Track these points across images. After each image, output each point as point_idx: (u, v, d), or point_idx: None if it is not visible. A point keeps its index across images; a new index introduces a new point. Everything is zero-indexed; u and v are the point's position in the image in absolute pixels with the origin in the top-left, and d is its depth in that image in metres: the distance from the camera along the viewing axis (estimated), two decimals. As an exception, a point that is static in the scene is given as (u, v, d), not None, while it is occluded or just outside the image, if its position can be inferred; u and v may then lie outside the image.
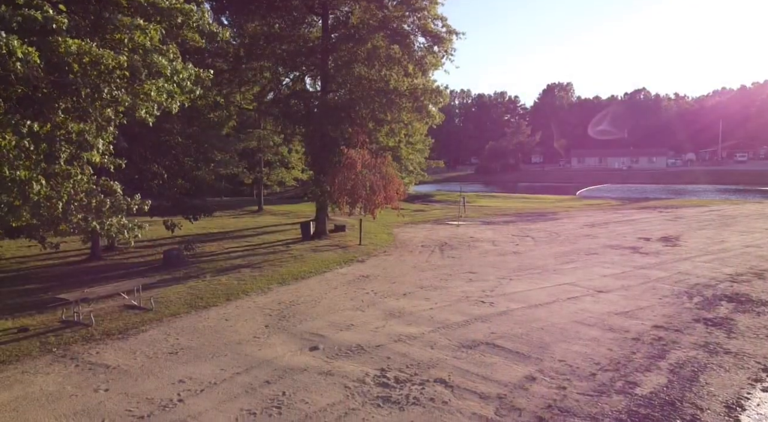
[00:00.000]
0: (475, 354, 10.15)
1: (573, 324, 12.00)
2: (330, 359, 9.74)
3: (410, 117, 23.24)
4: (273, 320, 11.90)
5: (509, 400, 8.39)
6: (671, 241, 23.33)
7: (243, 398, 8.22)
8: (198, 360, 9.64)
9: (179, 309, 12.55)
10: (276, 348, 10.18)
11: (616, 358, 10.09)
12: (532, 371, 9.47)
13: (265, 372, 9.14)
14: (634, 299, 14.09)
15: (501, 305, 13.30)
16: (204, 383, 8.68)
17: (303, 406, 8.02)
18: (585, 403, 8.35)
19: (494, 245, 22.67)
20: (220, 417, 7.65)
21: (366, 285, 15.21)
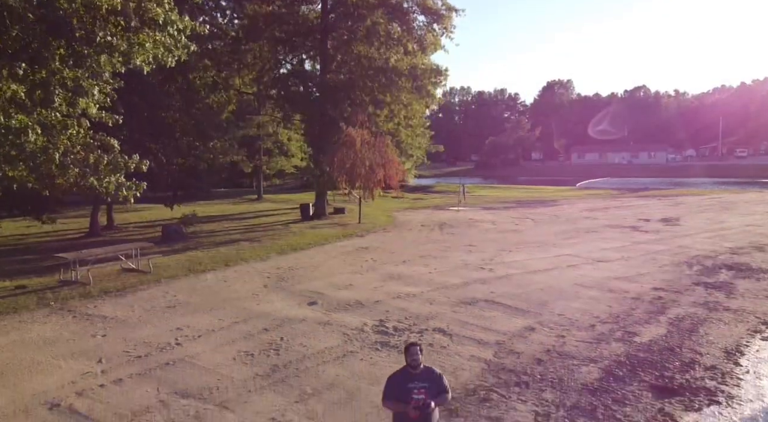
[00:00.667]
0: (474, 309, 10.11)
1: (572, 286, 11.96)
2: (328, 312, 9.71)
3: (410, 98, 23.20)
4: (271, 281, 11.86)
5: (508, 346, 8.36)
6: (671, 222, 23.27)
7: (241, 342, 8.19)
8: (196, 312, 9.61)
9: (177, 272, 12.52)
10: (274, 304, 10.15)
11: (615, 313, 10.05)
12: (532, 323, 9.44)
13: (264, 322, 9.10)
14: (634, 267, 14.04)
15: (500, 271, 13.26)
16: (202, 330, 8.65)
17: (301, 349, 7.99)
18: (584, 349, 8.32)
19: (494, 225, 22.63)
20: (217, 357, 7.62)
21: (365, 254, 15.18)
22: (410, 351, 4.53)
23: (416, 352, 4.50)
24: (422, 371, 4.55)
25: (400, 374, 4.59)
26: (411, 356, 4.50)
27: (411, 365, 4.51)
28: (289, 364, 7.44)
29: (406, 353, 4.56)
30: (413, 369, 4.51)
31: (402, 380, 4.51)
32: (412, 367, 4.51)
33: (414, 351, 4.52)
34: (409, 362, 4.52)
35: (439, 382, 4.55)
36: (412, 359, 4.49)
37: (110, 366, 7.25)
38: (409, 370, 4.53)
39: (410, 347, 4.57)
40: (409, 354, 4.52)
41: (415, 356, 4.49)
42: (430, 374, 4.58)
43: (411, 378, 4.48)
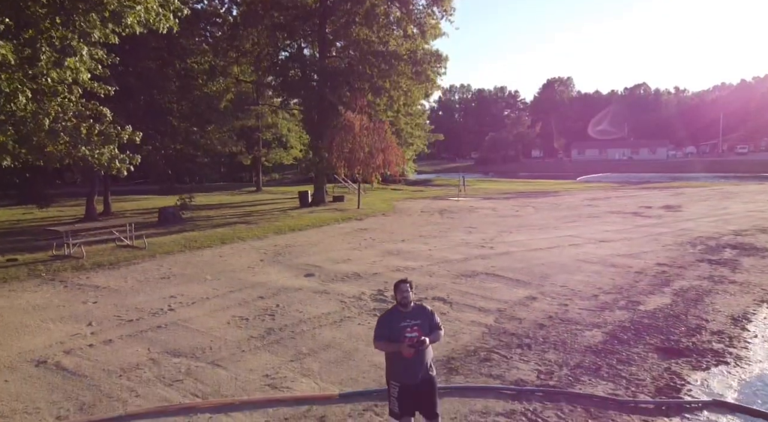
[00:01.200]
0: (474, 281, 9.91)
1: (575, 261, 11.75)
2: (325, 282, 9.51)
3: (409, 84, 22.94)
4: (268, 256, 11.66)
5: (509, 313, 8.15)
6: (673, 208, 23.06)
7: (235, 308, 7.99)
8: (190, 282, 9.41)
9: (173, 248, 12.32)
10: (270, 275, 9.95)
11: (619, 285, 9.84)
12: (533, 293, 9.24)
13: (259, 290, 8.90)
14: (637, 246, 13.82)
15: (501, 249, 13.06)
16: (196, 298, 8.45)
17: (297, 314, 7.79)
18: (587, 315, 8.11)
19: (494, 211, 22.42)
20: (211, 321, 7.42)
21: (364, 234, 14.97)
22: (400, 289, 4.30)
23: (406, 289, 4.28)
24: (413, 308, 4.34)
25: (391, 313, 4.39)
26: (401, 293, 4.28)
27: (401, 303, 4.30)
28: (284, 327, 7.24)
29: (396, 290, 4.34)
30: (404, 308, 4.30)
31: (393, 319, 4.30)
32: (403, 305, 4.30)
33: (404, 287, 4.29)
34: (399, 300, 4.30)
35: (431, 319, 4.35)
36: (403, 296, 4.28)
37: (100, 329, 7.05)
38: (400, 309, 4.32)
39: (400, 284, 4.34)
40: (398, 292, 4.30)
41: (405, 293, 4.27)
42: (422, 311, 4.37)
43: (402, 316, 4.27)
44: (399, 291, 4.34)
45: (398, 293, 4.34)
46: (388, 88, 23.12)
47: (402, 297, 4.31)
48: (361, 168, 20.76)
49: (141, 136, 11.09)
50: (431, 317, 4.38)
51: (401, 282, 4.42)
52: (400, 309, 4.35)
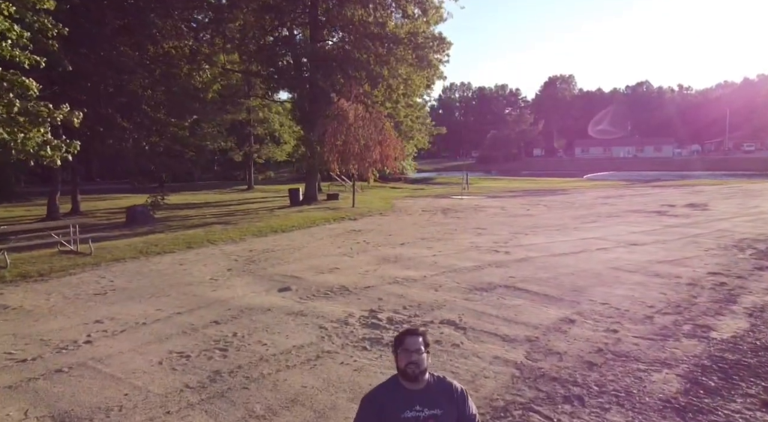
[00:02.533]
0: (492, 296, 7.88)
1: (609, 269, 9.73)
2: (303, 300, 7.47)
3: (409, 71, 20.88)
4: (238, 264, 9.62)
5: (543, 344, 6.12)
6: (699, 207, 21.04)
7: (177, 339, 5.95)
8: (130, 300, 7.37)
9: (125, 254, 10.27)
10: (235, 290, 7.91)
11: (674, 302, 7.81)
12: (569, 313, 7.21)
13: (216, 312, 6.86)
14: (676, 251, 11.80)
15: (518, 253, 11.03)
16: (128, 323, 6.41)
17: (258, 348, 5.75)
18: (647, 348, 6.08)
19: (503, 210, 20.38)
20: (137, 360, 5.38)
21: (357, 237, 12.93)
22: (406, 344, 2.38)
23: (417, 347, 2.36)
24: (429, 385, 2.40)
25: (387, 391, 2.43)
26: (408, 355, 2.35)
27: (408, 373, 2.33)
28: (237, 371, 5.20)
29: (399, 348, 2.41)
30: (412, 382, 2.33)
31: (391, 402, 2.35)
32: (410, 378, 2.33)
33: (413, 343, 2.38)
34: (405, 368, 2.36)
35: (461, 406, 2.41)
36: (410, 362, 2.34)
37: (-25, 374, 5.01)
38: (404, 385, 2.35)
39: (406, 337, 2.42)
40: (403, 351, 2.38)
41: (415, 355, 2.34)
42: (444, 391, 2.44)
43: (408, 398, 2.34)
44: (404, 349, 2.36)
45: (402, 354, 2.36)
46: (386, 76, 21.05)
47: (409, 363, 2.33)
48: (356, 162, 18.66)
49: (81, 117, 9.04)
50: (462, 403, 2.40)
51: (408, 333, 2.42)
52: (405, 384, 2.38)
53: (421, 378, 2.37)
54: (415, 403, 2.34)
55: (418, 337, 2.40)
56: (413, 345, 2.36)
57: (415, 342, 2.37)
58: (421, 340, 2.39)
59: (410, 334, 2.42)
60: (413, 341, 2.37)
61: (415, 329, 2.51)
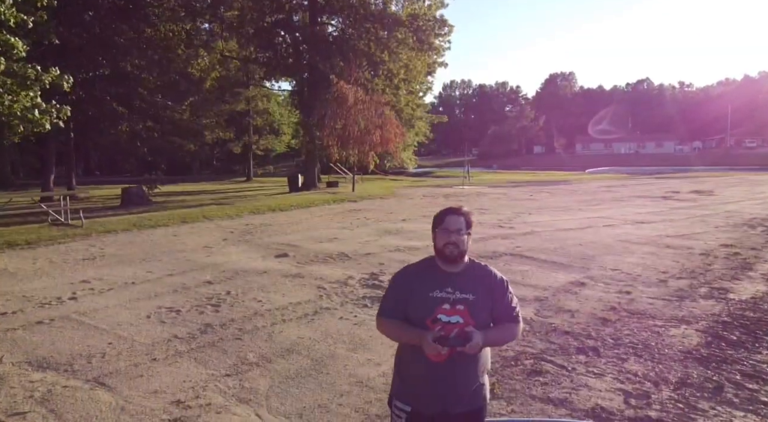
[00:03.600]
0: (498, 263, 7.56)
1: (618, 242, 9.42)
2: (302, 264, 7.16)
3: (410, 55, 20.53)
4: (234, 235, 9.32)
5: (553, 303, 5.81)
6: (704, 193, 20.71)
7: (166, 296, 5.64)
8: (120, 264, 7.06)
9: (117, 227, 9.96)
10: (230, 256, 7.60)
11: (688, 268, 7.50)
12: (579, 277, 6.90)
13: (209, 274, 6.56)
14: (685, 227, 11.48)
15: (523, 229, 10.72)
16: (116, 283, 6.11)
17: (253, 304, 5.44)
18: (663, 306, 5.76)
19: (506, 195, 20.06)
20: (123, 314, 5.07)
21: (358, 214, 12.62)
22: (446, 223, 2.05)
23: (459, 227, 2.03)
24: (467, 269, 2.09)
25: (420, 269, 2.13)
26: (447, 235, 2.03)
27: (446, 254, 2.03)
28: (229, 323, 4.89)
29: (438, 228, 2.08)
30: (449, 264, 2.05)
31: (421, 280, 2.06)
32: (448, 259, 2.04)
33: (455, 222, 2.04)
34: (443, 248, 2.03)
35: (499, 293, 2.11)
36: (449, 242, 2.02)
37: (-50, 325, 4.70)
38: (440, 266, 2.07)
39: (447, 215, 2.08)
40: (443, 232, 2.05)
41: (455, 236, 2.02)
42: (482, 275, 2.12)
43: (440, 278, 2.04)
44: (443, 228, 2.05)
45: (441, 233, 2.05)
46: (387, 60, 20.72)
47: (447, 242, 2.01)
48: (355, 146, 18.30)
49: (71, 82, 8.72)
50: (500, 290, 2.11)
51: (449, 212, 2.09)
52: (440, 264, 2.07)
53: (459, 260, 2.05)
54: (448, 284, 2.02)
55: (460, 217, 2.07)
56: (454, 225, 2.03)
57: (457, 221, 2.05)
58: (464, 220, 2.06)
59: (451, 213, 2.09)
60: (454, 220, 2.05)
61: (458, 208, 2.15)
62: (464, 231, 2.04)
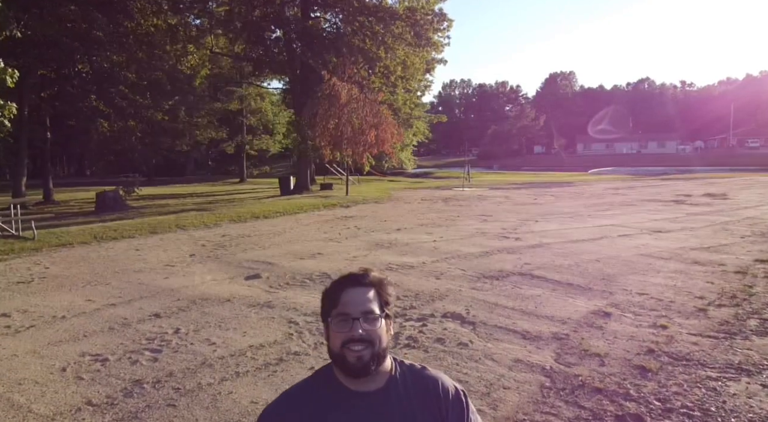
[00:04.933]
0: (505, 285, 6.49)
1: (640, 257, 8.34)
2: (274, 289, 6.08)
3: (407, 52, 19.45)
4: (205, 250, 8.23)
5: (576, 343, 4.73)
6: (718, 196, 19.63)
7: (98, 337, 4.55)
8: (58, 290, 5.98)
9: (75, 239, 8.88)
10: (193, 277, 6.52)
11: (728, 292, 6.42)
12: (602, 305, 5.82)
13: (160, 303, 5.47)
14: (709, 238, 10.41)
15: (531, 240, 9.65)
16: (43, 316, 5.03)
17: (203, 349, 4.36)
18: (711, 348, 4.68)
19: (508, 199, 18.99)
20: (32, 366, 3.99)
21: (348, 222, 11.54)
22: (343, 302, 1.17)
23: (367, 308, 1.16)
24: (391, 383, 1.18)
25: (310, 395, 1.18)
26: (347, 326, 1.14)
27: (348, 363, 1.13)
28: (165, 380, 3.81)
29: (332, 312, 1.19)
30: (356, 378, 1.14)
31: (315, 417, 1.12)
32: (353, 371, 1.14)
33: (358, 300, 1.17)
34: (342, 351, 1.15)
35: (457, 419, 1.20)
36: (351, 339, 1.13)
37: None
38: (342, 382, 1.16)
39: (344, 289, 1.20)
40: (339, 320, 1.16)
41: (361, 327, 1.12)
42: (421, 393, 1.19)
43: (348, 408, 1.12)
44: (339, 313, 1.19)
45: (337, 323, 1.19)
46: (383, 56, 19.64)
47: (349, 340, 1.15)
48: (349, 147, 17.21)
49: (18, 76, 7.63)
50: (455, 415, 1.20)
51: (347, 283, 1.23)
52: (344, 380, 1.19)
53: (373, 369, 1.16)
54: (362, 418, 1.14)
55: (368, 289, 1.20)
56: (357, 305, 1.17)
57: (361, 297, 1.18)
58: (374, 294, 1.20)
59: (351, 283, 1.21)
60: (356, 296, 1.18)
61: (362, 273, 1.25)
62: (377, 315, 1.18)
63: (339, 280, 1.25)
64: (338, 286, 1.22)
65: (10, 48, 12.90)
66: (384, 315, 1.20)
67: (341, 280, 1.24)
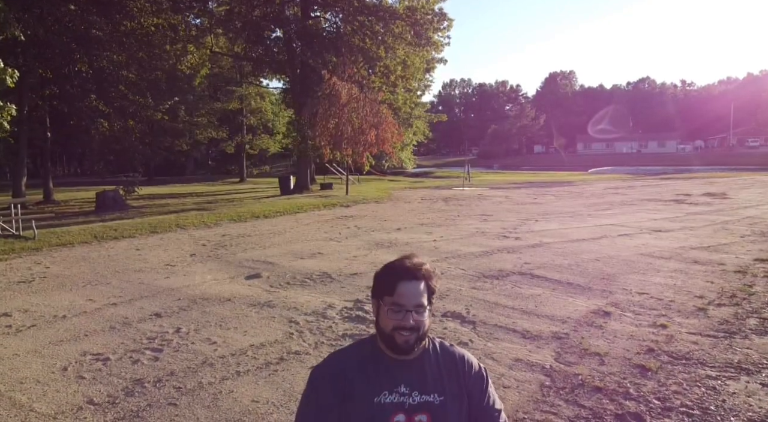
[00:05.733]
0: (505, 284, 6.50)
1: (639, 256, 8.36)
2: (274, 288, 6.09)
3: (407, 51, 19.45)
4: (205, 249, 8.24)
5: (576, 342, 4.74)
6: (718, 196, 19.64)
7: (98, 336, 4.57)
8: (59, 289, 5.99)
9: (75, 239, 8.89)
10: (193, 277, 6.53)
11: (727, 291, 6.43)
12: (601, 304, 5.83)
13: (160, 302, 5.48)
14: (709, 237, 10.42)
15: (531, 239, 9.66)
16: (44, 316, 5.04)
17: (204, 348, 4.37)
18: (711, 347, 4.70)
19: (508, 198, 19.01)
20: (32, 365, 4.00)
21: (348, 222, 11.55)
22: (399, 293, 1.29)
23: (419, 301, 1.27)
24: (425, 355, 1.38)
25: (358, 359, 1.32)
26: (399, 314, 1.25)
27: (396, 343, 1.28)
28: (167, 379, 3.82)
29: (384, 297, 1.30)
30: (398, 351, 1.27)
31: (362, 377, 1.25)
32: (399, 349, 1.29)
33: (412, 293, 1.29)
34: (392, 333, 1.28)
35: (474, 392, 1.33)
36: (401, 327, 1.27)
37: None
38: (386, 352, 1.29)
39: (400, 280, 1.30)
40: (393, 307, 1.26)
41: (412, 316, 1.24)
42: (449, 366, 1.34)
43: (390, 373, 1.26)
44: (394, 303, 1.29)
45: (390, 308, 1.30)
46: (383, 56, 19.64)
47: (399, 326, 1.27)
48: (349, 146, 17.21)
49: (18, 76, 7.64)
50: (477, 386, 1.37)
51: (403, 274, 1.32)
52: (387, 351, 1.33)
53: (415, 346, 1.31)
54: (400, 382, 1.27)
55: (420, 283, 1.30)
56: (412, 298, 1.27)
57: (416, 291, 1.28)
58: (424, 287, 1.30)
59: (407, 277, 1.29)
60: (412, 290, 1.28)
61: (417, 266, 1.34)
62: (425, 306, 1.28)
63: (396, 270, 1.35)
64: (395, 277, 1.33)
65: (10, 47, 12.92)
66: (429, 304, 1.33)
67: (398, 271, 1.34)
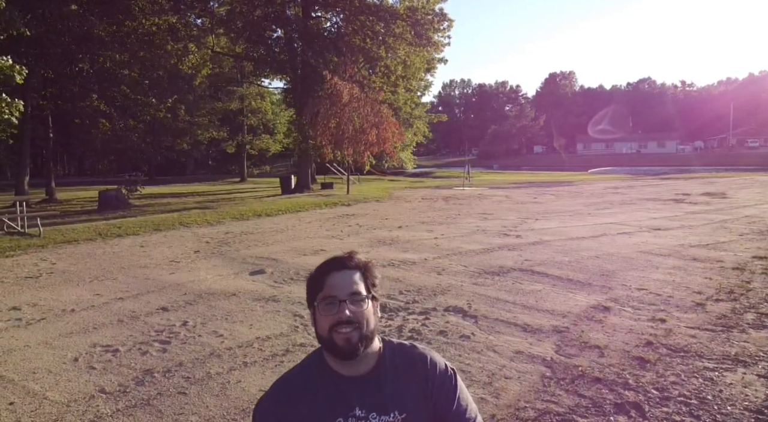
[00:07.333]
0: (506, 280, 6.59)
1: (638, 253, 8.44)
2: (279, 284, 6.17)
3: (408, 51, 19.55)
4: (209, 246, 8.32)
5: (576, 335, 4.83)
6: (717, 195, 19.73)
7: (107, 329, 4.65)
8: (66, 284, 6.07)
9: (80, 236, 8.97)
10: (198, 272, 6.61)
11: (725, 287, 6.52)
12: (601, 299, 5.92)
13: (167, 297, 5.56)
14: (708, 235, 10.51)
15: (531, 237, 9.75)
16: (53, 309, 5.12)
17: (211, 340, 4.45)
18: (709, 340, 4.78)
19: (508, 198, 19.09)
20: (44, 356, 4.08)
21: (350, 220, 11.64)
22: (329, 285, 1.17)
23: (353, 290, 1.16)
24: (380, 363, 1.20)
25: (303, 381, 1.19)
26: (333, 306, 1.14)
27: (337, 345, 1.14)
28: (176, 369, 3.91)
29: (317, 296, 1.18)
30: (345, 360, 1.16)
31: (309, 402, 1.13)
32: (342, 353, 1.15)
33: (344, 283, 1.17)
34: (330, 334, 1.14)
35: (441, 400, 1.20)
36: (339, 322, 1.12)
37: None
38: (332, 366, 1.18)
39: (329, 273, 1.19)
40: (326, 304, 1.15)
41: (348, 308, 1.13)
42: (412, 371, 1.21)
43: (341, 392, 1.15)
44: (325, 297, 1.17)
45: (324, 307, 1.17)
46: (384, 56, 19.74)
47: (337, 322, 1.14)
48: (350, 146, 17.30)
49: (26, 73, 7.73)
50: (445, 391, 1.21)
51: (333, 266, 1.20)
52: (333, 364, 1.19)
53: (362, 351, 1.17)
54: (354, 404, 1.15)
55: (352, 271, 1.20)
56: (344, 285, 1.17)
57: (348, 278, 1.18)
58: (359, 276, 1.20)
59: (337, 267, 1.20)
60: (344, 277, 1.18)
61: (347, 256, 1.24)
62: (363, 296, 1.17)
63: (324, 264, 1.24)
64: (323, 270, 1.22)
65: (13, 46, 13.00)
66: (371, 297, 1.20)
67: (326, 264, 1.24)
